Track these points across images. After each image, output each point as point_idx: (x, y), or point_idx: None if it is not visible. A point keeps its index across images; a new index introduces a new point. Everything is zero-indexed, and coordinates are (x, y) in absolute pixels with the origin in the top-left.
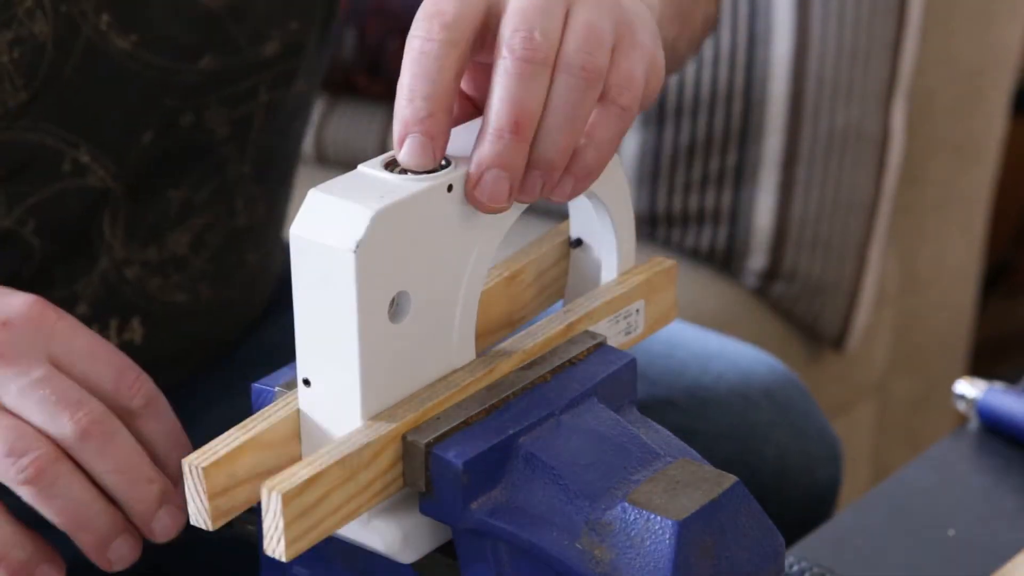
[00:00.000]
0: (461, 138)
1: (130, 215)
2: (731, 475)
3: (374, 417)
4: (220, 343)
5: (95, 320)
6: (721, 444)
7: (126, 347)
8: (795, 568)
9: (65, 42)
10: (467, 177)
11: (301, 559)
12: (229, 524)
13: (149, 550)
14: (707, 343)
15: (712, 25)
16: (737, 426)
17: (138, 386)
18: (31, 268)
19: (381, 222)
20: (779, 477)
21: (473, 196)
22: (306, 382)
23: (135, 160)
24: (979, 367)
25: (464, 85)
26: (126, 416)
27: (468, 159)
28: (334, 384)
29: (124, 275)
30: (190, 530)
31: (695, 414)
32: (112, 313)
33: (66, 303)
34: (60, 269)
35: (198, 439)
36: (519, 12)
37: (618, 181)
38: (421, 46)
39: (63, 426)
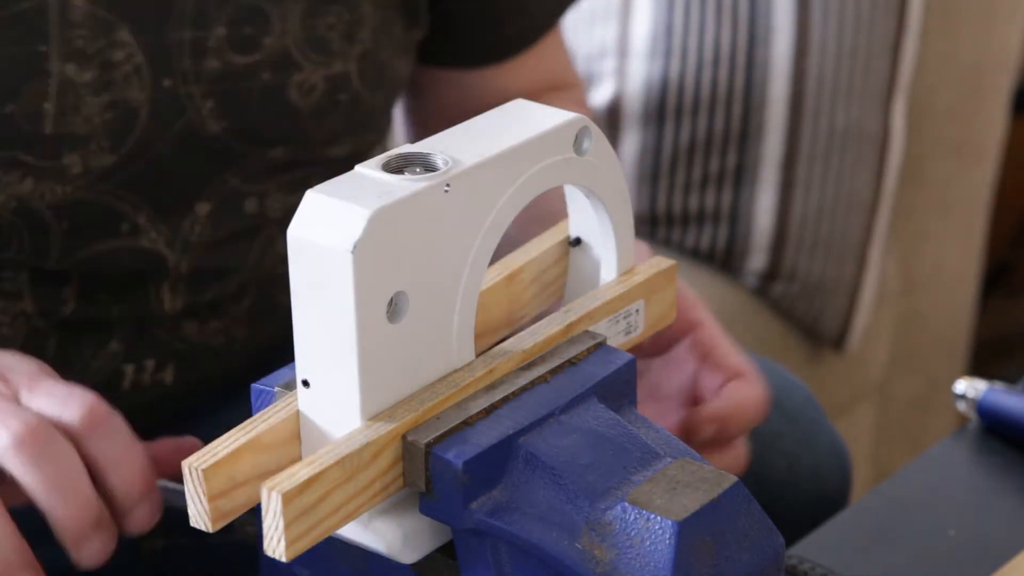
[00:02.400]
0: (460, 138)
1: (189, 285)
2: (731, 475)
3: (374, 417)
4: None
5: (129, 360)
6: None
7: (157, 386)
8: (795, 568)
9: (165, 118)
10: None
11: (301, 559)
12: (229, 526)
13: (150, 552)
14: None
15: None
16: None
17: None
18: (71, 305)
19: (379, 222)
20: (788, 486)
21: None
22: (305, 383)
23: (191, 231)
24: (979, 367)
25: None
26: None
27: (464, 159)
28: (333, 385)
29: (164, 324)
30: (190, 532)
31: None
32: (147, 355)
33: (100, 340)
34: (100, 309)
35: None
36: None
37: (617, 181)
38: None
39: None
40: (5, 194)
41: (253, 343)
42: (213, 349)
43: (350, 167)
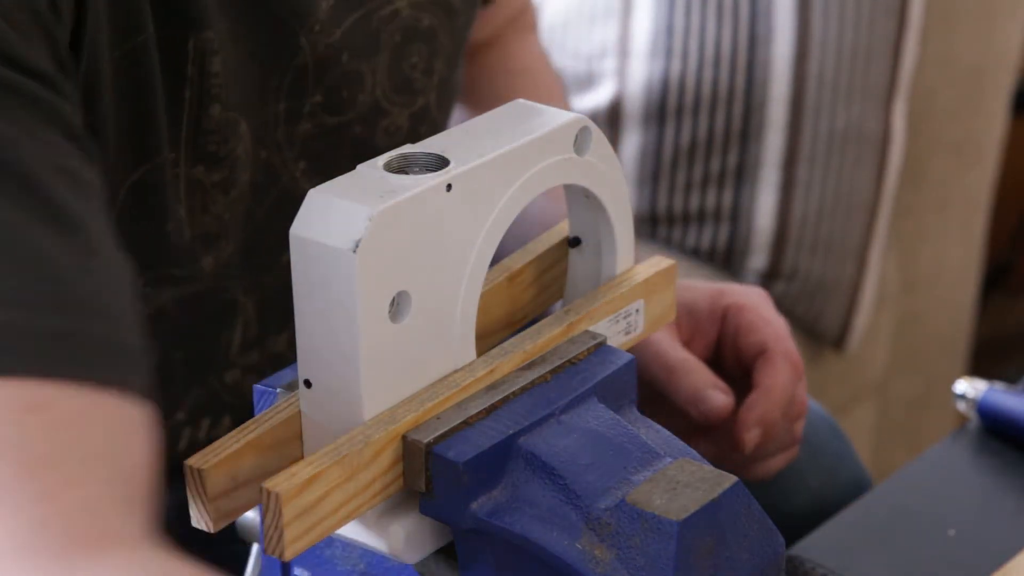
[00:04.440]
0: (461, 138)
1: (257, 328)
2: (731, 475)
3: (375, 417)
4: None
5: (189, 423)
6: (753, 488)
7: (212, 442)
8: (796, 568)
9: (261, 188)
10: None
11: (301, 559)
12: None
13: None
14: None
15: None
16: None
17: None
18: (162, 369)
19: (381, 221)
20: (811, 520)
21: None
22: (307, 383)
23: (268, 275)
24: (979, 367)
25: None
26: None
27: (466, 158)
28: (335, 385)
29: (224, 380)
30: (191, 531)
31: None
32: (207, 414)
33: (168, 410)
34: (180, 377)
35: None
36: None
37: (617, 181)
38: None
39: None
40: (146, 306)
41: None
42: None
43: None
